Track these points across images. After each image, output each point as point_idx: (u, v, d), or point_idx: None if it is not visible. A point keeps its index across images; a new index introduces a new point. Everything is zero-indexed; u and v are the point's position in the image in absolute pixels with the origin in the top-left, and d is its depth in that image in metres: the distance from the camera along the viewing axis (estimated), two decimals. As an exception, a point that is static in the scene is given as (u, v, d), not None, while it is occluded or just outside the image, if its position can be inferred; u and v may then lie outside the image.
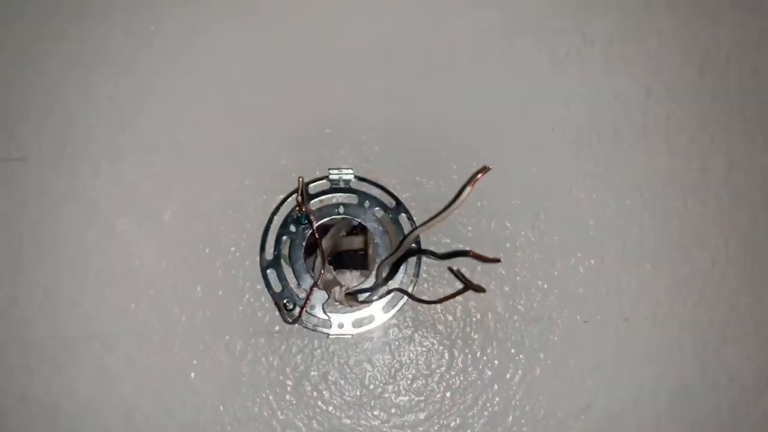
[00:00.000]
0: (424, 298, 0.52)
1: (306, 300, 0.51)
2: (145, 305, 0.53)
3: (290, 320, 0.50)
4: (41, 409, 0.51)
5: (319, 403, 0.53)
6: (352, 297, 0.50)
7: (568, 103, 0.57)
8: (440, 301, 0.48)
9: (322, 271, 0.49)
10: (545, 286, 0.55)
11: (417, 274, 0.54)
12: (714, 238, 0.56)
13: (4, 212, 0.53)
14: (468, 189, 0.41)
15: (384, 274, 0.49)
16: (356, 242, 0.56)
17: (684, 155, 0.57)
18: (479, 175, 0.42)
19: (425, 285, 0.54)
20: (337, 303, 0.50)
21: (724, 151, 0.57)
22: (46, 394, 0.52)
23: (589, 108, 0.57)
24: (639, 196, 0.56)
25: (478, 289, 0.43)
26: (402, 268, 0.52)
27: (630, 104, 0.57)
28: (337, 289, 0.49)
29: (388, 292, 0.51)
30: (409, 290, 0.53)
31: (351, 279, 0.53)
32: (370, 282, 0.52)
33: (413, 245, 0.50)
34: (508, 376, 0.53)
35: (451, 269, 0.51)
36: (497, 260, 0.45)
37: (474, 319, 0.54)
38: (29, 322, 0.52)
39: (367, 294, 0.50)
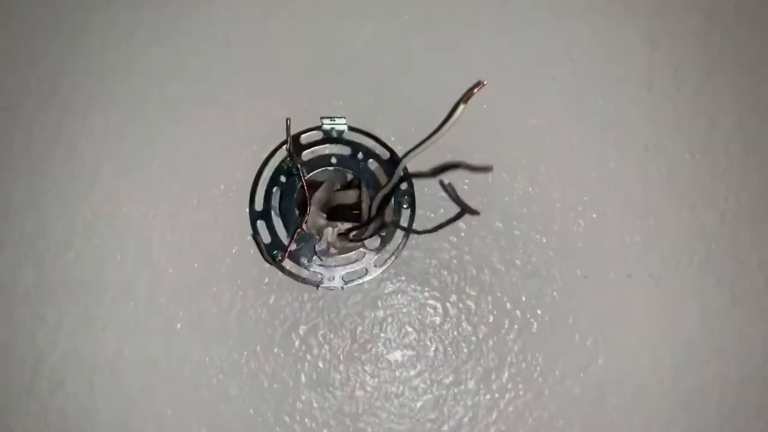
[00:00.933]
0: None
1: (291, 239, 0.49)
2: (131, 256, 0.52)
3: (272, 261, 0.48)
4: (24, 361, 0.50)
5: (308, 356, 0.51)
6: (345, 237, 0.48)
7: (571, 53, 0.55)
8: (434, 230, 0.45)
9: (309, 211, 0.47)
10: (543, 240, 0.53)
11: (412, 203, 0.52)
12: (723, 192, 0.54)
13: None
14: (461, 107, 0.39)
15: (375, 210, 0.47)
16: (350, 196, 0.55)
17: (691, 107, 0.55)
18: (475, 90, 0.39)
19: (420, 222, 0.52)
20: (330, 247, 0.48)
21: (733, 103, 0.55)
22: (30, 345, 0.51)
23: (593, 59, 0.55)
24: (643, 149, 0.54)
25: (473, 212, 0.41)
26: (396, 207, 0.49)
27: (635, 56, 0.55)
28: (329, 230, 0.47)
29: (381, 226, 0.49)
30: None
31: (342, 227, 0.51)
32: (364, 215, 0.50)
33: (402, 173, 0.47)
34: (503, 331, 0.52)
35: (444, 187, 0.49)
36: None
37: (469, 274, 0.52)
38: (14, 272, 0.51)
39: (359, 232, 0.48)
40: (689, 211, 0.54)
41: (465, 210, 0.41)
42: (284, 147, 0.53)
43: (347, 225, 0.49)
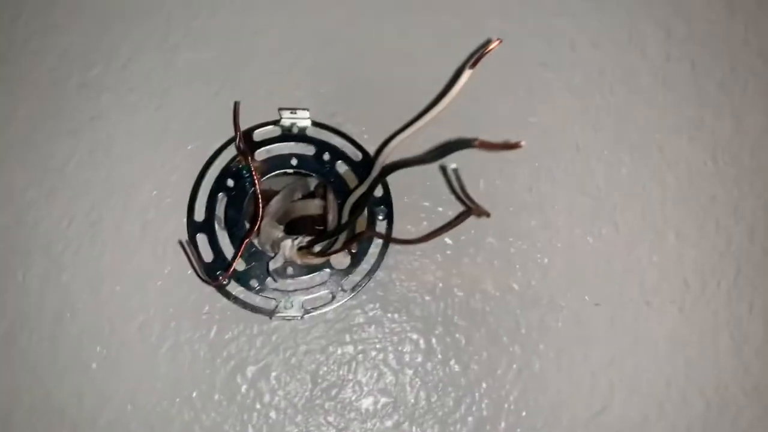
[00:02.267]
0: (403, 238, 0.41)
1: (236, 254, 0.39)
2: (37, 275, 0.41)
3: (212, 281, 0.38)
4: None
5: (257, 405, 0.41)
6: (307, 252, 0.38)
7: (573, 43, 0.47)
8: (426, 238, 0.35)
9: (260, 220, 0.37)
10: (546, 260, 0.44)
11: (389, 214, 0.42)
12: (751, 203, 0.46)
13: None
14: (467, 72, 0.29)
15: (345, 218, 0.38)
16: (313, 206, 0.45)
17: (713, 106, 0.47)
18: (488, 49, 0.29)
19: (402, 226, 0.43)
20: (287, 265, 0.39)
21: (760, 101, 0.47)
22: None
23: (600, 50, 0.47)
24: (660, 153, 0.46)
25: (483, 213, 0.32)
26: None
27: (648, 46, 0.47)
28: (287, 242, 0.37)
29: (354, 237, 0.39)
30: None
31: (304, 240, 0.41)
32: (330, 226, 0.40)
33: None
34: (499, 371, 0.42)
35: (448, 175, 0.39)
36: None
37: (457, 300, 0.43)
38: None
39: (326, 244, 0.38)
40: (713, 225, 0.46)
41: (471, 209, 0.31)
42: (233, 144, 0.43)
43: (308, 238, 0.39)
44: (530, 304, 0.43)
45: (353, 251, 0.43)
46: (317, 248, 0.38)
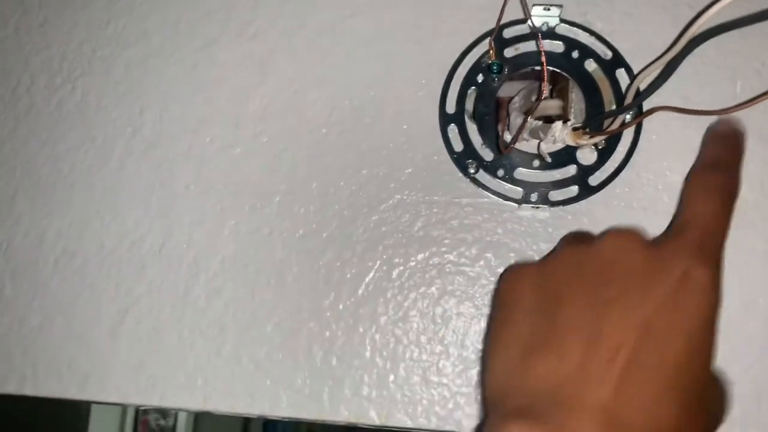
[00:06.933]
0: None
1: (523, 123, 0.40)
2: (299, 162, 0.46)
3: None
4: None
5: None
6: (583, 131, 0.39)
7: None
8: (730, 110, 0.32)
9: (542, 96, 0.38)
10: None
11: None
12: None
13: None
14: None
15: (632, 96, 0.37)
16: (553, 107, 0.46)
17: None
18: None
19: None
20: (555, 146, 0.40)
21: None
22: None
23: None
24: None
25: None
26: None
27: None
28: (558, 123, 0.38)
29: (646, 112, 0.37)
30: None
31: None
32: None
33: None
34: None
35: None
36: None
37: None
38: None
39: (602, 121, 0.38)
40: None
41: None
42: (487, 39, 0.45)
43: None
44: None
45: (599, 147, 0.43)
46: (591, 127, 0.39)
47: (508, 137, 0.43)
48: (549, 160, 0.42)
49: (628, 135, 0.43)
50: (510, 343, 0.33)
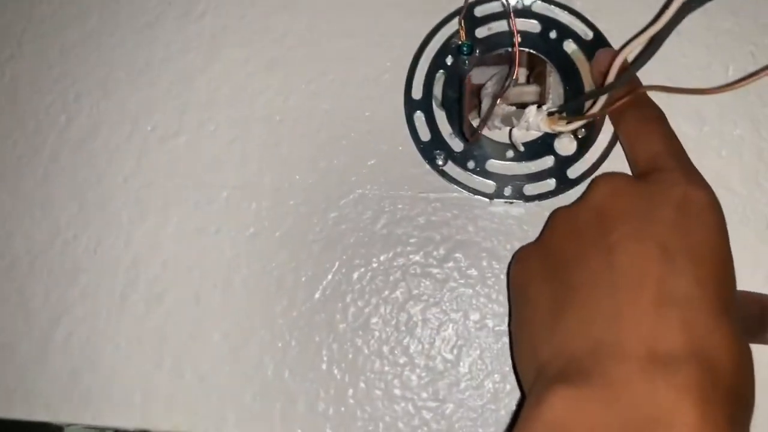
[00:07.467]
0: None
1: (492, 105, 0.36)
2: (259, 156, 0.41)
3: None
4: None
5: (468, 290, 0.39)
6: (558, 116, 0.35)
7: None
8: (725, 88, 0.29)
9: (513, 78, 0.34)
10: (811, 157, 0.38)
11: None
12: None
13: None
14: None
15: (613, 76, 0.33)
16: (528, 93, 0.42)
17: None
18: None
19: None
20: (529, 134, 0.36)
21: None
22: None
23: None
24: None
25: None
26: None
27: None
28: (532, 108, 0.34)
29: (630, 91, 0.33)
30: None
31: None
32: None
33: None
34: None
35: None
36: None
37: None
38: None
39: (582, 105, 0.34)
40: None
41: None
42: (456, 18, 0.41)
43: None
44: (786, 207, 0.38)
45: (579, 137, 0.39)
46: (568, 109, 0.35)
47: (476, 123, 0.39)
48: (522, 149, 0.38)
49: (610, 123, 0.39)
50: (534, 318, 0.32)
